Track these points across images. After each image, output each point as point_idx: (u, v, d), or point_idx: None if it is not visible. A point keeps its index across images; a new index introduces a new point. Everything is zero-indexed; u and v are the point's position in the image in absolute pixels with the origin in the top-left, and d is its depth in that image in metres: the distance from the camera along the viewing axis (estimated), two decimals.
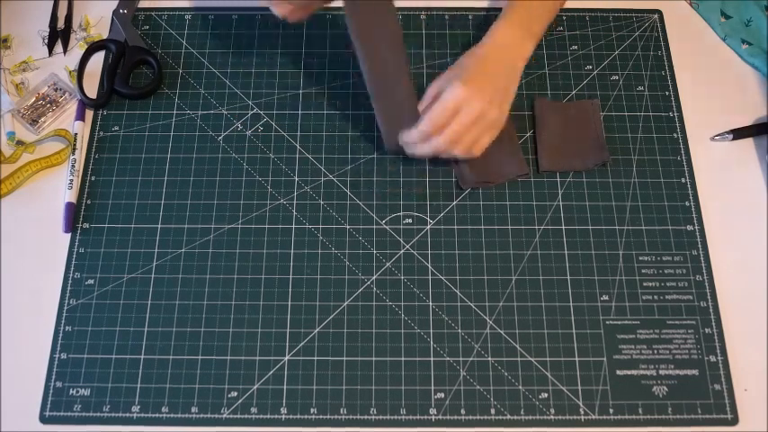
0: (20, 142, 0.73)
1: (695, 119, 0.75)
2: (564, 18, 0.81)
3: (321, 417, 0.63)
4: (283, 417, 0.63)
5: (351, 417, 0.63)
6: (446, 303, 0.67)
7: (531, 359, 0.65)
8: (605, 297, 0.67)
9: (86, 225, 0.70)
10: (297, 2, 0.65)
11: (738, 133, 0.74)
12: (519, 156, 0.72)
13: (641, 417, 0.63)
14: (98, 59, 0.79)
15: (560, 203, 0.71)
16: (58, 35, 0.79)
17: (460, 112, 0.65)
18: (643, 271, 0.68)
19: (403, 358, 0.65)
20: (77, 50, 0.79)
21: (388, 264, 0.69)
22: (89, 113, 0.76)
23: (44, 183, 0.72)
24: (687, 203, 0.71)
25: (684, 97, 0.76)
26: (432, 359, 0.65)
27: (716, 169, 0.73)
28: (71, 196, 0.71)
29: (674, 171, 0.73)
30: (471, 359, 0.65)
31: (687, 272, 0.68)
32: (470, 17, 0.81)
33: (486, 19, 0.80)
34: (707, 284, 0.68)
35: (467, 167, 0.72)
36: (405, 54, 0.67)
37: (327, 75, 0.78)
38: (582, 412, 0.63)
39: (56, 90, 0.76)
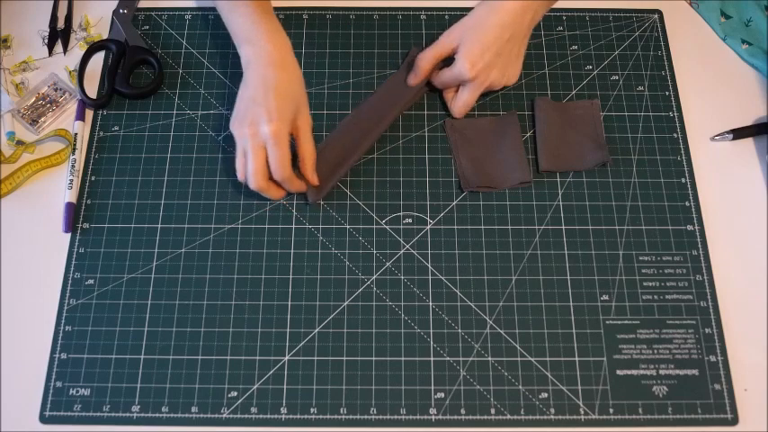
0: (20, 142, 0.73)
1: (695, 119, 0.75)
2: (564, 18, 0.81)
3: (321, 417, 0.63)
4: (283, 417, 0.63)
5: (351, 417, 0.63)
6: (446, 303, 0.67)
7: (531, 359, 0.65)
8: (605, 297, 0.67)
9: (86, 225, 0.70)
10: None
11: (738, 133, 0.74)
12: (523, 163, 0.72)
13: (641, 417, 0.63)
14: (98, 59, 0.79)
15: (560, 203, 0.71)
16: (58, 35, 0.79)
17: (469, 88, 0.71)
18: (643, 271, 0.68)
19: (403, 358, 0.65)
20: (77, 50, 0.79)
21: (388, 264, 0.69)
22: (89, 113, 0.76)
23: (44, 183, 0.72)
24: (687, 203, 0.71)
25: (684, 97, 0.76)
26: (432, 359, 0.65)
27: (716, 169, 0.73)
28: (71, 196, 0.71)
29: (674, 171, 0.73)
30: (471, 359, 0.65)
31: (687, 272, 0.68)
32: None
33: None
34: (707, 284, 0.68)
35: (470, 171, 0.72)
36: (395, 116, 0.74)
37: (327, 75, 0.78)
38: (582, 412, 0.63)
39: (56, 90, 0.76)
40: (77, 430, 0.62)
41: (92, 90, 0.76)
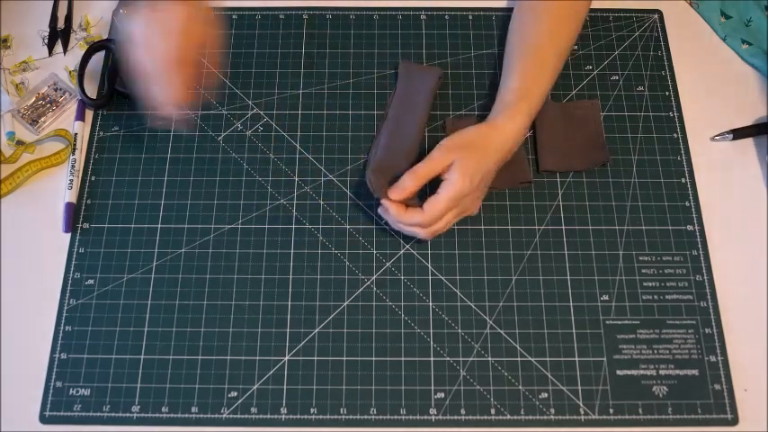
0: (20, 142, 0.73)
1: (695, 119, 0.75)
2: None
3: (321, 417, 0.63)
4: (283, 417, 0.63)
5: (351, 417, 0.63)
6: (446, 303, 0.67)
7: (531, 359, 0.65)
8: (605, 297, 0.67)
9: (86, 225, 0.70)
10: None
11: (738, 133, 0.74)
12: (524, 163, 0.72)
13: (641, 417, 0.63)
14: (98, 59, 0.78)
15: (560, 203, 0.71)
16: (58, 35, 0.79)
17: (451, 214, 0.64)
18: (643, 271, 0.68)
19: (403, 358, 0.65)
20: (77, 50, 0.79)
21: (388, 264, 0.69)
22: (89, 113, 0.76)
23: (44, 183, 0.72)
24: (687, 203, 0.71)
25: (684, 97, 0.76)
26: (432, 359, 0.65)
27: (716, 169, 0.73)
28: (71, 196, 0.71)
29: (674, 171, 0.73)
30: (471, 359, 0.65)
31: (687, 272, 0.68)
32: (470, 17, 0.81)
33: (485, 19, 0.80)
34: (707, 284, 0.68)
35: None
36: (427, 117, 0.74)
37: (327, 75, 0.78)
38: (582, 412, 0.63)
39: (56, 90, 0.76)
40: (77, 430, 0.62)
41: (92, 90, 0.76)
